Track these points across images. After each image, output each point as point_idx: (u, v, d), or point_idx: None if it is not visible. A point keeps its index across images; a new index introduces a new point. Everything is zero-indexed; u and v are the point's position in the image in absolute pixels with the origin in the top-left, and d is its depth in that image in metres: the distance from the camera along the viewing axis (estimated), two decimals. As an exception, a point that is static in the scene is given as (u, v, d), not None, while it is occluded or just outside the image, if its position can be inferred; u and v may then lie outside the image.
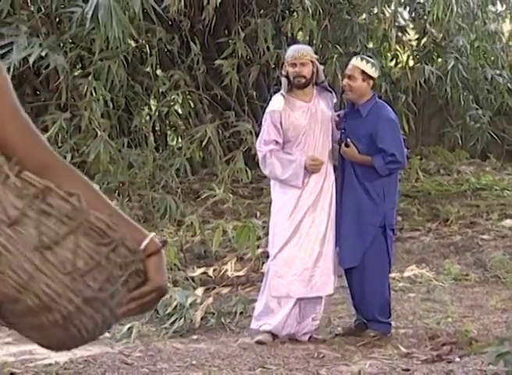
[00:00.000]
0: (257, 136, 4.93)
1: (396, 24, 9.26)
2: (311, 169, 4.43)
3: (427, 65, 9.41)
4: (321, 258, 4.48)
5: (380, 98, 4.71)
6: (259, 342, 4.49)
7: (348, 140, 4.53)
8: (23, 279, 1.19)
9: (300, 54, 4.48)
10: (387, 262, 4.59)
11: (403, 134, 5.47)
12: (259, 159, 4.58)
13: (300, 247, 4.46)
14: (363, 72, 4.50)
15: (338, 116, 4.72)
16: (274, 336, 4.53)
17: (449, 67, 9.14)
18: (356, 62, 4.55)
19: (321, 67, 4.64)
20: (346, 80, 4.55)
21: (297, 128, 4.50)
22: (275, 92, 4.88)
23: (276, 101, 4.55)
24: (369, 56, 5.48)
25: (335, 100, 4.75)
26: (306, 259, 4.46)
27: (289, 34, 8.68)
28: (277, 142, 4.49)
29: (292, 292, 4.47)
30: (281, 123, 4.49)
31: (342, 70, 8.19)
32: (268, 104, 4.75)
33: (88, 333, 1.27)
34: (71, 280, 1.21)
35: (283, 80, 4.55)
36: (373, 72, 4.52)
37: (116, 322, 1.34)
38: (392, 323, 4.69)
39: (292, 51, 4.55)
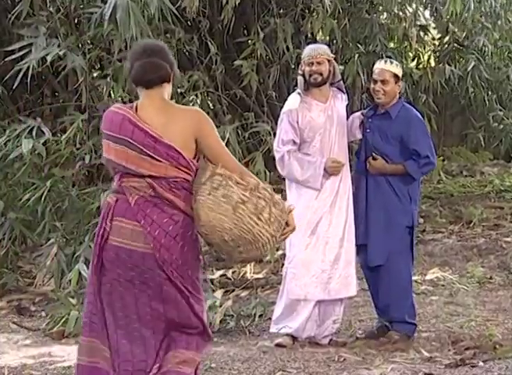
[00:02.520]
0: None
1: (418, 23, 9.21)
2: (332, 171, 4.42)
3: (449, 65, 9.36)
4: (339, 260, 4.47)
5: (399, 98, 4.70)
6: (279, 345, 4.48)
7: (374, 154, 4.53)
8: (248, 228, 2.66)
9: (316, 53, 4.49)
10: (411, 262, 4.61)
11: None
12: (276, 160, 4.57)
13: (317, 249, 4.45)
14: (394, 74, 4.53)
15: (362, 114, 4.71)
16: (294, 339, 4.52)
17: (470, 67, 9.08)
18: (385, 65, 4.56)
19: (337, 66, 4.65)
20: (379, 84, 4.54)
21: (314, 128, 4.50)
22: (295, 93, 4.87)
23: (293, 100, 4.55)
24: (388, 56, 5.50)
25: (346, 102, 4.74)
26: (323, 261, 4.46)
27: (309, 34, 8.66)
28: (294, 142, 4.48)
29: (310, 295, 4.46)
30: (298, 123, 4.49)
31: (364, 70, 8.19)
32: (286, 104, 4.75)
33: (266, 252, 2.79)
34: (267, 227, 2.68)
35: (299, 79, 4.56)
36: (401, 73, 4.61)
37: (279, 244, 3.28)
38: (415, 325, 4.67)
39: (309, 50, 4.56)
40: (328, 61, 4.52)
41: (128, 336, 2.74)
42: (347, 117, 4.74)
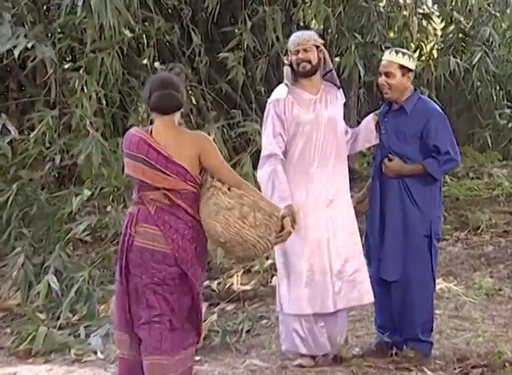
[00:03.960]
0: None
1: (420, 11, 9.22)
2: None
3: (454, 57, 9.35)
4: (333, 270, 4.40)
5: (415, 90, 4.62)
6: (300, 366, 4.46)
7: (389, 155, 4.48)
8: (236, 231, 3.35)
9: (302, 39, 4.43)
10: (431, 274, 4.53)
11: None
12: (261, 157, 4.51)
13: (308, 257, 4.38)
14: (401, 66, 4.47)
15: (376, 115, 4.66)
16: (313, 357, 4.49)
17: (476, 60, 9.08)
18: (390, 56, 4.51)
19: (327, 53, 4.55)
20: (384, 77, 4.50)
21: (301, 122, 4.43)
22: (286, 86, 4.81)
23: (280, 90, 4.51)
24: (388, 47, 5.42)
25: (343, 100, 4.66)
26: (315, 271, 4.39)
27: (302, 23, 8.66)
28: (283, 138, 4.42)
29: (302, 308, 4.41)
30: (285, 114, 4.44)
31: (362, 62, 8.17)
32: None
33: (260, 252, 3.47)
34: (252, 230, 3.37)
35: (286, 70, 4.49)
36: (411, 64, 4.52)
37: (272, 249, 3.68)
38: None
39: (294, 37, 4.50)
40: (317, 47, 4.45)
41: (147, 327, 3.54)
42: (344, 117, 4.69)
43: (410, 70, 4.51)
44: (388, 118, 4.57)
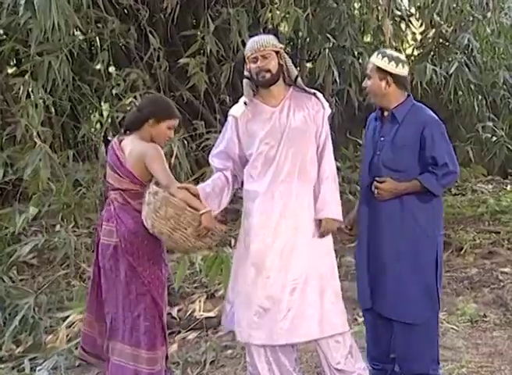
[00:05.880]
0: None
1: (398, 13, 9.29)
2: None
3: (434, 64, 9.41)
4: (285, 299, 4.36)
5: (408, 96, 4.58)
6: None
7: (376, 178, 4.38)
8: (152, 223, 4.09)
9: (259, 45, 4.32)
10: (437, 300, 4.49)
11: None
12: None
13: (257, 282, 4.33)
14: (378, 68, 4.44)
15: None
16: None
17: (453, 69, 9.13)
18: (372, 57, 4.47)
19: (289, 59, 4.43)
20: (365, 80, 4.51)
21: (254, 136, 4.37)
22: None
23: (237, 105, 4.49)
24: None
25: (324, 110, 4.46)
26: (267, 298, 4.32)
27: (270, 25, 8.70)
28: (229, 156, 4.43)
29: (252, 338, 4.35)
30: (238, 133, 4.42)
31: (337, 66, 8.21)
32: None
33: (185, 243, 4.12)
34: (164, 222, 4.04)
35: (245, 83, 4.42)
36: (391, 67, 4.36)
37: (194, 242, 4.13)
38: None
39: (250, 43, 4.38)
40: (277, 53, 4.37)
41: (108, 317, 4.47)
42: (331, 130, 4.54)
43: (391, 75, 4.42)
44: (383, 126, 4.49)
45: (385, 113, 4.51)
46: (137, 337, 4.36)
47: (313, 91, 4.50)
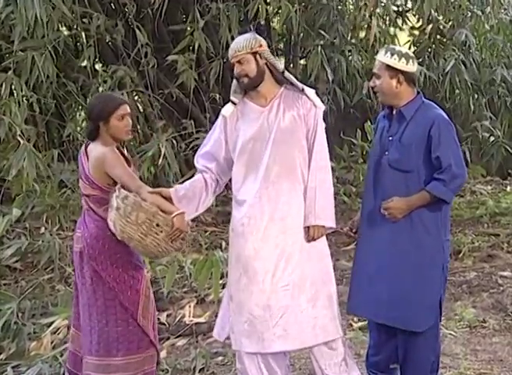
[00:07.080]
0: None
1: (394, 8, 9.28)
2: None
3: (431, 61, 9.43)
4: (276, 305, 4.34)
5: (417, 93, 4.55)
6: None
7: (383, 202, 4.33)
8: (121, 228, 4.12)
9: (233, 51, 4.33)
10: (439, 307, 4.43)
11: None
12: None
13: (248, 289, 4.32)
14: (388, 67, 4.42)
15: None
16: None
17: (449, 67, 9.11)
18: (379, 55, 4.42)
19: (271, 56, 4.38)
20: (374, 79, 4.48)
21: (243, 137, 4.36)
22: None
23: (227, 106, 4.49)
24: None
25: (316, 108, 4.39)
26: (258, 305, 4.31)
27: (262, 21, 8.71)
28: (214, 158, 4.42)
29: (243, 345, 4.34)
30: (225, 132, 4.42)
31: (329, 63, 8.20)
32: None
33: (155, 248, 4.20)
34: (135, 228, 4.08)
35: (233, 84, 4.43)
36: (402, 64, 4.33)
37: (165, 247, 4.21)
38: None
39: (231, 45, 4.40)
40: (254, 54, 4.35)
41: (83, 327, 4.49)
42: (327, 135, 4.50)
43: (402, 72, 4.38)
44: (392, 124, 4.45)
45: (394, 111, 4.48)
46: (106, 346, 4.34)
47: (301, 85, 4.44)
